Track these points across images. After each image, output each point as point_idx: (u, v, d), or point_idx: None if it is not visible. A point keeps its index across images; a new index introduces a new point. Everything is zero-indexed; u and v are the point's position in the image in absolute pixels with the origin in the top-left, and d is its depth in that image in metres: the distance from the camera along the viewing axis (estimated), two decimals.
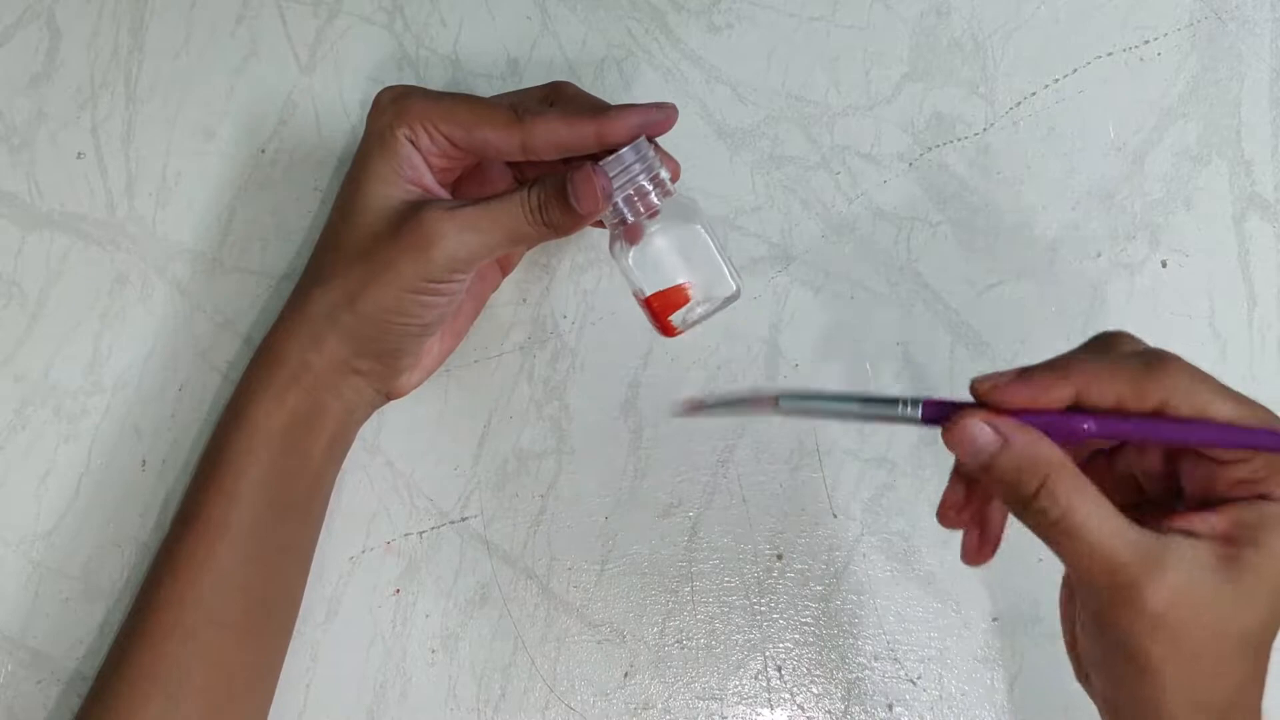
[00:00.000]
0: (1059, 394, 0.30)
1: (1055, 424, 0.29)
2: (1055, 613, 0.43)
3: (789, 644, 0.43)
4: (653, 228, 0.39)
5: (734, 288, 0.39)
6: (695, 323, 0.40)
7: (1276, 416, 0.29)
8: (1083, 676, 0.34)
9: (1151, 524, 0.29)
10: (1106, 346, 0.31)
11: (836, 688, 0.43)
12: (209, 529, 0.38)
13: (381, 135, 0.38)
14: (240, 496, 0.38)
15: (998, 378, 0.30)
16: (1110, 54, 0.48)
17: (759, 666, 0.43)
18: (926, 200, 0.47)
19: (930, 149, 0.47)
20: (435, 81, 0.48)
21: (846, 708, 0.43)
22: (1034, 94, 0.47)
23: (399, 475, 0.45)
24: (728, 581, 0.44)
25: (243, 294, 0.46)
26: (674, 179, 0.39)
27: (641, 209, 0.38)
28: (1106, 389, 0.29)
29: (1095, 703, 0.33)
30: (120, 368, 0.46)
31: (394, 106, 0.39)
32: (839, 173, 0.47)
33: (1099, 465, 0.34)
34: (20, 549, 0.44)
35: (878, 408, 0.32)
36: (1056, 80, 0.48)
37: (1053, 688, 0.43)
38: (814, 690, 0.43)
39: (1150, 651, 0.28)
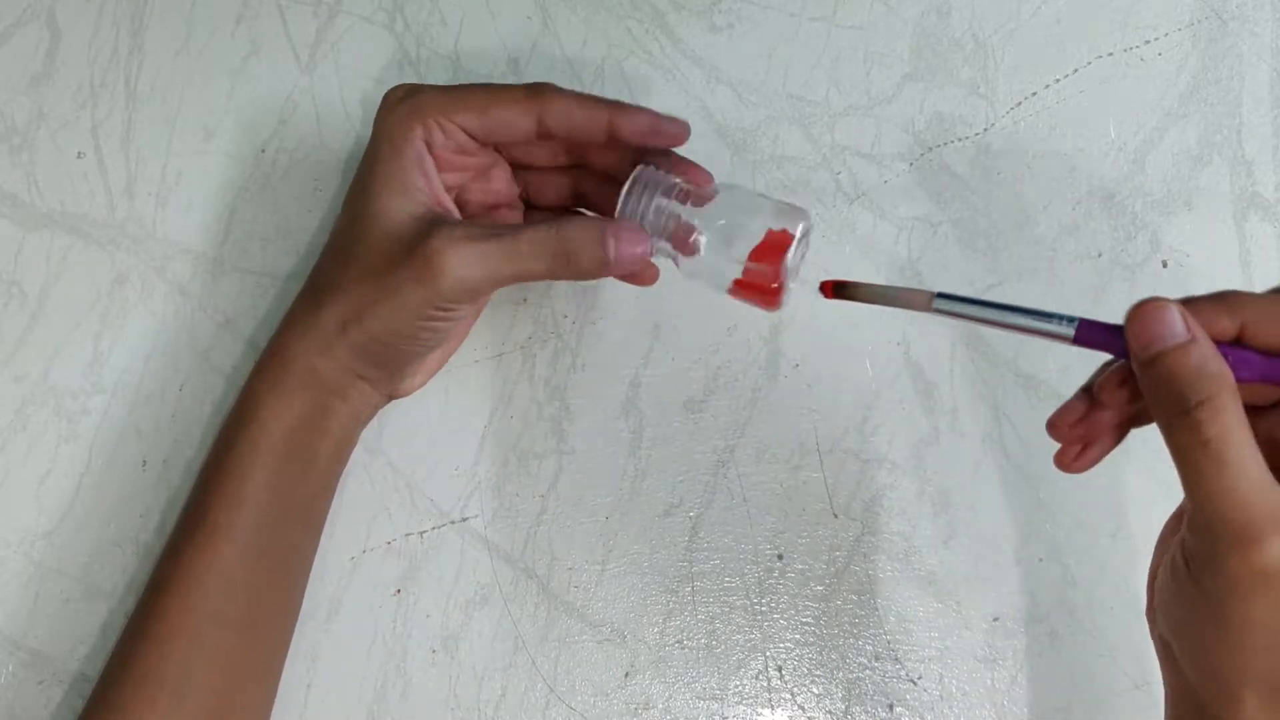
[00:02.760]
0: (1221, 326, 0.28)
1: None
2: (1055, 612, 0.43)
3: (790, 644, 0.43)
4: (718, 220, 0.37)
5: (804, 211, 0.38)
6: (796, 268, 0.38)
7: None
8: (1152, 617, 0.33)
9: None
10: None
11: (837, 688, 0.43)
12: (215, 531, 0.38)
13: (391, 136, 0.38)
14: (246, 499, 0.38)
15: (1159, 300, 0.28)
16: (1111, 54, 0.48)
17: (759, 666, 0.43)
18: (927, 200, 0.47)
19: (931, 149, 0.47)
20: (435, 81, 0.48)
21: (847, 708, 0.43)
22: (1035, 94, 0.47)
23: (400, 475, 0.45)
24: (728, 581, 0.44)
25: (243, 294, 0.46)
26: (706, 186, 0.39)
27: (673, 228, 0.37)
28: (1273, 328, 0.28)
29: (1155, 647, 0.32)
30: (121, 368, 0.46)
31: (404, 104, 0.38)
32: (839, 173, 0.47)
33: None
34: (21, 549, 0.44)
35: (1031, 320, 0.31)
36: (1057, 80, 0.48)
37: (1053, 688, 0.43)
38: (814, 690, 0.43)
39: (1245, 608, 0.27)
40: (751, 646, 0.43)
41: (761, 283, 0.38)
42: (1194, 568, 0.29)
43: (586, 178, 0.42)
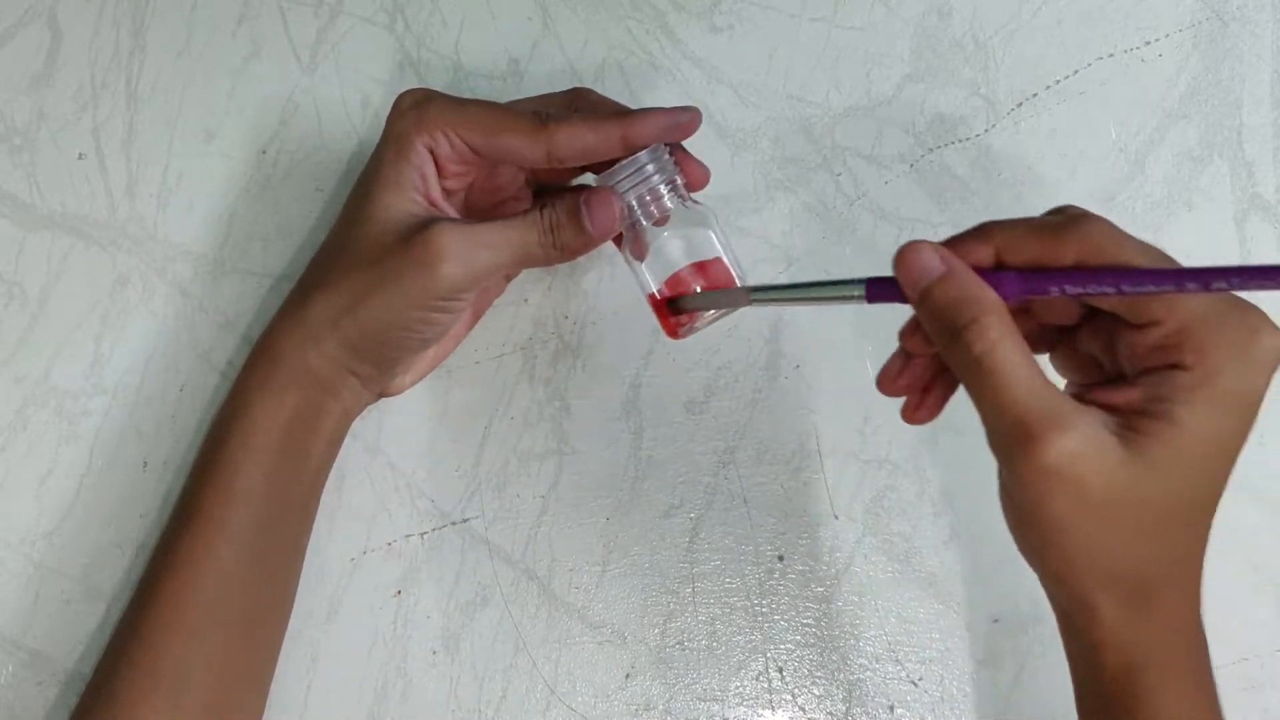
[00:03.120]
0: (979, 254, 0.30)
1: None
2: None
3: (790, 645, 0.43)
4: (664, 232, 0.39)
5: (743, 294, 0.39)
6: (701, 327, 0.40)
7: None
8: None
9: (1082, 398, 0.29)
10: (1050, 213, 0.32)
11: (838, 689, 0.43)
12: (209, 527, 0.38)
13: (399, 141, 0.38)
14: (240, 495, 0.38)
15: (916, 242, 0.31)
16: (1111, 55, 0.48)
17: (760, 668, 0.43)
18: (928, 201, 0.47)
19: (931, 150, 0.47)
20: (436, 82, 0.48)
21: (848, 709, 0.43)
22: (1035, 95, 0.47)
23: (400, 476, 0.45)
24: (729, 583, 0.44)
25: (244, 295, 0.46)
26: (704, 184, 0.40)
27: (655, 211, 0.38)
28: (1023, 247, 0.30)
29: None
30: (121, 369, 0.46)
31: (414, 111, 0.38)
32: (840, 174, 0.47)
33: (1064, 349, 0.34)
34: (21, 550, 0.44)
35: (832, 290, 0.33)
36: (1058, 81, 0.48)
37: (1054, 689, 0.43)
38: (815, 692, 0.43)
39: (1048, 510, 0.28)
40: (752, 648, 0.43)
41: (664, 319, 0.40)
42: (1003, 485, 0.30)
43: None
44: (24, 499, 0.45)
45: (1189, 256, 0.47)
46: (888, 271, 0.32)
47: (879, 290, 0.32)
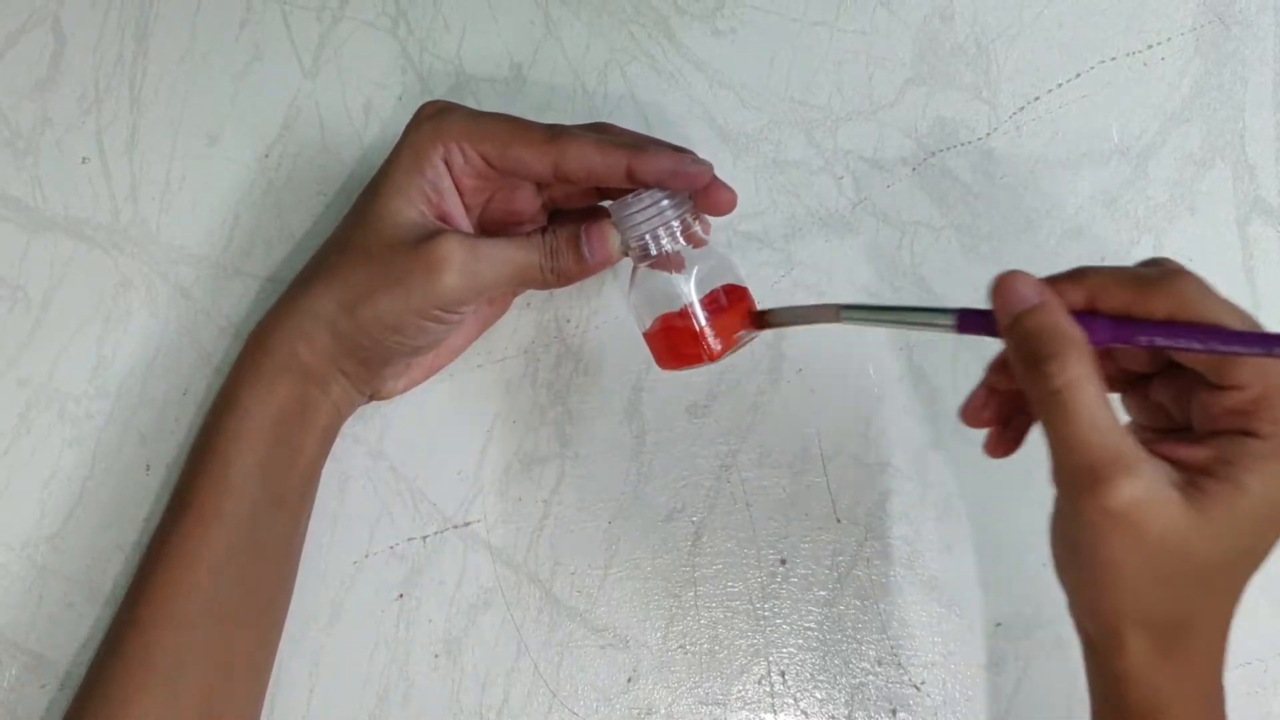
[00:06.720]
0: (1072, 296, 0.31)
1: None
2: (1059, 617, 0.43)
3: (792, 649, 0.43)
4: (668, 271, 0.38)
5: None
6: (691, 367, 0.39)
7: None
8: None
9: (1151, 449, 0.30)
10: (1145, 264, 0.32)
11: (840, 693, 0.43)
12: (203, 518, 0.38)
13: (415, 150, 0.39)
14: (233, 486, 0.38)
15: (1015, 271, 0.31)
16: (1114, 58, 0.48)
17: (762, 671, 0.43)
18: (930, 205, 0.47)
19: (934, 153, 0.47)
20: (438, 86, 0.48)
21: (850, 713, 0.43)
22: (1037, 98, 0.47)
23: (402, 480, 0.45)
24: (731, 586, 0.44)
25: (246, 298, 0.47)
26: (730, 209, 0.38)
27: (667, 247, 0.38)
28: (1115, 295, 0.30)
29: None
30: (124, 372, 0.46)
31: (432, 122, 0.39)
32: (842, 177, 0.47)
33: (1136, 393, 0.34)
34: (24, 553, 0.44)
35: (924, 315, 0.34)
36: (1060, 84, 0.48)
37: (1056, 693, 0.43)
38: (817, 695, 0.43)
39: (1101, 549, 0.29)
40: (755, 651, 0.43)
41: (656, 352, 0.40)
42: (1059, 515, 0.31)
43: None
44: (27, 502, 0.45)
45: (1191, 260, 0.47)
46: (890, 274, 0.32)
47: (970, 321, 0.32)
